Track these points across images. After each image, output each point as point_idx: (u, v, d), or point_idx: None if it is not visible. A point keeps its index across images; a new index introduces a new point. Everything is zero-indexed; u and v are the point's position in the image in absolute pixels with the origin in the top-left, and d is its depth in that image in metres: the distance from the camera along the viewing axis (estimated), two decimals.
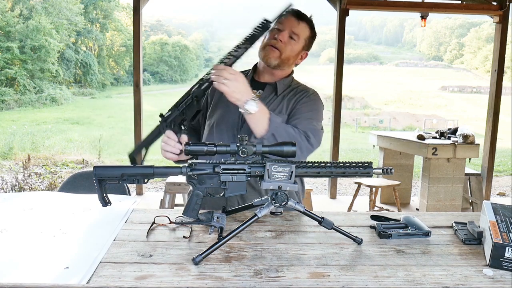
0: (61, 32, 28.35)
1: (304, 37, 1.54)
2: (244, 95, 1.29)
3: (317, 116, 1.53)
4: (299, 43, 1.54)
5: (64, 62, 29.90)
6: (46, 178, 6.94)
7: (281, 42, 1.51)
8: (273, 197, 1.10)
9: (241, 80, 1.29)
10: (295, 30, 1.52)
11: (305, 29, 1.54)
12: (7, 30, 24.90)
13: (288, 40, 1.51)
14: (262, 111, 1.33)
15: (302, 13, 1.56)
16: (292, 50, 1.53)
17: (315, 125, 1.49)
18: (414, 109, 30.59)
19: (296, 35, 1.52)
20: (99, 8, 35.80)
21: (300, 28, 1.53)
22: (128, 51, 35.50)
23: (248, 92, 1.30)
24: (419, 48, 79.99)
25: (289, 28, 1.51)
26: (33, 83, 25.03)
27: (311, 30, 1.57)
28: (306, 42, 1.56)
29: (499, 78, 5.06)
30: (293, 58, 1.56)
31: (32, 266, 1.00)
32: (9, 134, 12.55)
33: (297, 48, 1.54)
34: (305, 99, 1.54)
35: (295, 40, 1.52)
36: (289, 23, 1.52)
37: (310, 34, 1.56)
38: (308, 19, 1.56)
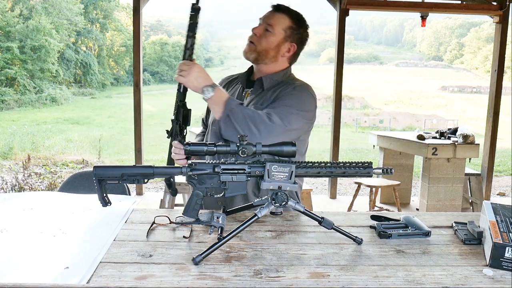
0: (61, 32, 28.35)
1: (282, 27, 1.51)
2: (200, 83, 1.34)
3: (298, 105, 1.46)
4: (275, 34, 1.50)
5: (64, 62, 29.90)
6: (46, 178, 6.94)
7: (256, 35, 1.51)
8: (273, 197, 1.11)
9: (196, 70, 1.34)
10: (269, 21, 1.51)
11: (281, 19, 1.51)
12: (7, 30, 24.91)
13: (263, 32, 1.51)
14: (219, 96, 1.36)
15: (281, 5, 1.54)
16: (268, 42, 1.51)
17: (290, 111, 1.43)
18: (414, 109, 30.59)
19: (270, 26, 1.50)
20: (99, 8, 35.79)
21: (275, 19, 1.51)
22: (128, 51, 35.50)
23: (204, 80, 1.35)
24: (419, 48, 79.98)
25: (264, 20, 1.52)
26: (33, 83, 25.03)
27: (292, 20, 1.53)
28: (287, 32, 1.52)
29: (499, 78, 5.05)
30: (272, 50, 1.52)
31: (32, 266, 1.00)
32: (9, 134, 12.55)
33: (275, 40, 1.51)
34: (289, 90, 1.50)
35: (270, 31, 1.50)
36: (265, 15, 1.53)
37: (290, 24, 1.52)
38: (288, 9, 1.53)
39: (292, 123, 1.42)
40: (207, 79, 1.36)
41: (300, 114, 1.45)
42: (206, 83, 1.35)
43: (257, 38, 1.51)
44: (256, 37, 1.51)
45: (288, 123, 1.41)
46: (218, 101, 1.37)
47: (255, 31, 1.52)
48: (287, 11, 1.53)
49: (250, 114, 1.36)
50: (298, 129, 1.46)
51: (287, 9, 1.54)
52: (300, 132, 1.50)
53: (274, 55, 1.53)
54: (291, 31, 1.52)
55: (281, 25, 1.51)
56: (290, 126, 1.41)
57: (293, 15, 1.54)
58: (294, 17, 1.53)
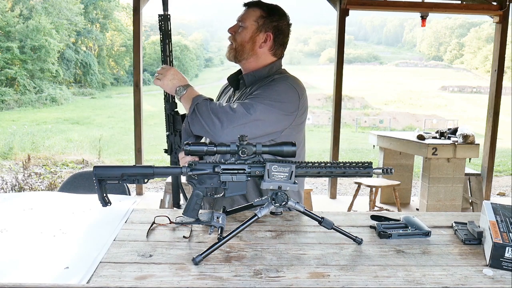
0: (61, 32, 28.35)
1: (253, 19, 1.51)
2: (174, 84, 1.42)
3: (271, 95, 1.40)
4: (247, 28, 1.51)
5: (64, 62, 29.90)
6: (46, 178, 6.94)
7: (230, 34, 1.55)
8: (273, 197, 1.11)
9: (171, 72, 1.43)
10: (240, 18, 1.53)
11: (251, 12, 1.52)
12: (7, 30, 24.90)
13: (237, 29, 1.53)
14: (189, 93, 1.41)
15: (251, 1, 1.56)
16: (241, 37, 1.52)
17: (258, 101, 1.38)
18: (414, 109, 30.58)
19: (242, 21, 1.52)
20: (99, 8, 35.79)
21: (246, 14, 1.53)
22: (128, 51, 35.50)
23: (178, 81, 1.43)
24: (419, 48, 79.99)
25: (237, 18, 1.55)
26: (33, 83, 25.03)
27: (263, 10, 1.52)
28: (259, 22, 1.51)
29: (499, 78, 5.06)
30: (247, 43, 1.52)
31: (32, 266, 1.00)
32: (9, 134, 12.54)
33: (248, 33, 1.51)
34: (267, 82, 1.47)
35: (242, 26, 1.52)
36: (239, 14, 1.55)
37: (261, 14, 1.52)
38: (258, 2, 1.55)
39: (258, 112, 1.35)
40: (181, 80, 1.44)
41: (273, 105, 1.38)
42: (180, 83, 1.43)
43: (232, 37, 1.54)
44: (232, 36, 1.54)
45: (254, 112, 1.34)
46: (188, 99, 1.41)
47: (230, 30, 1.55)
48: (257, 4, 1.55)
49: (214, 107, 1.37)
50: (269, 120, 1.38)
51: (257, 2, 1.55)
52: (275, 125, 1.42)
53: (251, 48, 1.52)
54: (263, 20, 1.51)
55: (252, 17, 1.51)
56: (255, 115, 1.34)
57: (264, 6, 1.54)
58: (264, 7, 1.53)
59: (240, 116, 1.34)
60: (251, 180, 1.19)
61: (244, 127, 1.33)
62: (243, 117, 1.34)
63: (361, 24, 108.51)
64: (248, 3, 1.55)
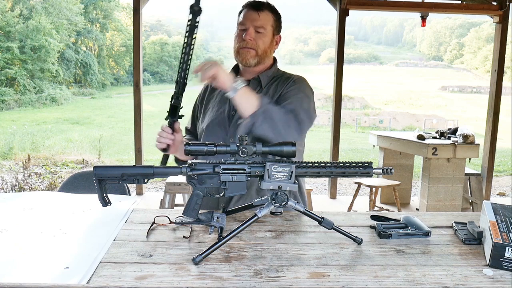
0: (61, 32, 28.34)
1: (270, 24, 1.53)
2: (230, 76, 1.32)
3: (307, 98, 1.49)
4: (267, 33, 1.52)
5: (64, 62, 29.90)
6: (46, 178, 6.94)
7: (250, 40, 1.51)
8: (273, 197, 1.11)
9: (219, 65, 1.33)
10: (258, 23, 1.51)
11: (267, 17, 1.52)
12: (7, 30, 24.90)
13: (256, 34, 1.51)
14: (248, 90, 1.33)
15: (258, 2, 1.54)
16: (264, 43, 1.52)
17: (305, 106, 1.45)
18: (414, 109, 30.58)
19: (261, 27, 1.51)
20: (99, 8, 35.79)
21: (263, 19, 1.51)
22: (128, 51, 35.50)
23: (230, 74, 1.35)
24: (419, 48, 80.00)
25: (251, 24, 1.50)
26: (33, 83, 25.02)
27: (274, 13, 1.55)
28: (274, 27, 1.55)
29: (499, 78, 5.05)
30: (269, 48, 1.55)
31: (32, 266, 1.00)
32: (9, 134, 12.54)
33: (268, 39, 1.53)
34: (291, 84, 1.52)
35: (262, 32, 1.51)
36: (249, 18, 1.51)
37: (274, 18, 1.55)
38: (267, 4, 1.54)
39: (313, 119, 1.47)
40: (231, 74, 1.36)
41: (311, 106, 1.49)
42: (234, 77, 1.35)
43: (253, 43, 1.51)
44: (252, 41, 1.51)
45: (311, 120, 1.45)
46: (250, 94, 1.33)
47: (249, 37, 1.50)
48: (268, 8, 1.54)
49: (283, 112, 1.35)
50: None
51: (265, 4, 1.54)
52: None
53: (270, 52, 1.56)
54: (276, 24, 1.56)
55: (269, 22, 1.52)
56: (311, 122, 1.46)
57: (273, 9, 1.55)
58: (274, 10, 1.55)
59: (304, 125, 1.41)
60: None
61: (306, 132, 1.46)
62: (305, 125, 1.41)
63: (361, 24, 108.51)
64: (259, 7, 1.52)
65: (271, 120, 1.30)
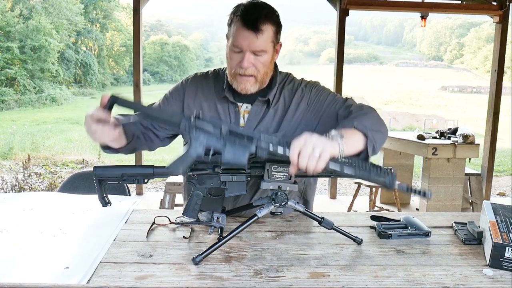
0: (61, 32, 28.32)
1: (270, 40, 1.28)
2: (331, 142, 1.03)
3: (332, 91, 1.41)
4: (267, 52, 1.28)
5: (64, 62, 29.88)
6: (46, 178, 6.94)
7: (251, 67, 1.27)
8: (273, 197, 1.11)
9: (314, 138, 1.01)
10: (257, 48, 1.25)
11: (267, 34, 1.25)
12: (7, 30, 24.88)
13: (254, 58, 1.27)
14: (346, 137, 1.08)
15: (255, 16, 1.23)
16: (265, 64, 1.29)
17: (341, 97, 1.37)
18: (414, 109, 30.56)
19: (261, 51, 1.26)
20: (99, 8, 35.77)
21: (262, 40, 1.24)
22: (128, 51, 35.47)
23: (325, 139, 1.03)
24: (419, 48, 79.97)
25: (249, 48, 1.25)
26: (33, 83, 25.00)
27: (273, 23, 1.28)
28: (274, 39, 1.29)
29: (499, 78, 5.05)
30: (270, 65, 1.33)
31: (32, 266, 1.00)
32: (9, 134, 12.53)
33: (269, 56, 1.30)
34: (313, 92, 1.37)
35: (261, 55, 1.27)
36: (246, 41, 1.24)
37: (274, 30, 1.28)
38: (265, 14, 1.25)
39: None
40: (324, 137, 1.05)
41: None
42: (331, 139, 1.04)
43: (253, 69, 1.28)
44: (251, 68, 1.28)
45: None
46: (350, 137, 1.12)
47: (246, 65, 1.26)
48: (266, 19, 1.25)
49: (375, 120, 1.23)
50: None
51: (265, 15, 1.25)
52: None
53: (272, 68, 1.36)
54: (277, 34, 1.31)
55: (269, 39, 1.27)
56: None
57: (271, 17, 1.28)
58: (273, 19, 1.28)
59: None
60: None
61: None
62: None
63: (361, 24, 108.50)
64: (257, 25, 1.23)
65: (378, 132, 1.19)
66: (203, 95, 1.39)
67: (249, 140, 1.03)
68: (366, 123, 1.17)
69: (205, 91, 1.40)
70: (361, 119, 1.19)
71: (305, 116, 1.36)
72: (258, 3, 1.28)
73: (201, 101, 1.39)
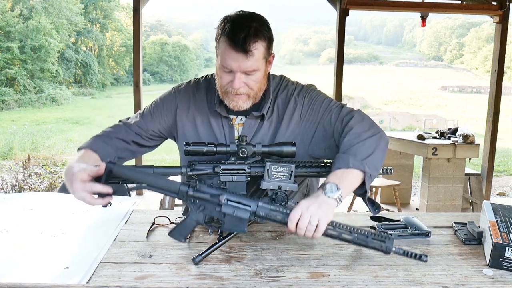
0: (61, 32, 28.32)
1: (261, 57, 1.20)
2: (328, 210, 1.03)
3: (329, 98, 1.35)
4: (260, 70, 1.22)
5: (64, 62, 29.88)
6: (46, 178, 6.93)
7: (243, 87, 1.22)
8: (273, 197, 1.11)
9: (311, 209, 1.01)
10: (248, 68, 1.19)
11: (258, 52, 1.18)
12: (7, 30, 24.88)
13: (246, 77, 1.21)
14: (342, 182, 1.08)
15: (244, 35, 1.15)
16: (257, 81, 1.23)
17: (337, 103, 1.32)
18: (414, 109, 30.56)
19: (252, 70, 1.20)
20: (99, 8, 35.77)
21: (253, 61, 1.18)
22: (128, 51, 35.47)
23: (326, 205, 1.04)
24: (419, 48, 79.98)
25: (239, 69, 1.19)
26: (33, 83, 25.00)
27: (263, 38, 1.20)
28: (266, 54, 1.22)
29: (499, 78, 5.05)
30: (263, 81, 1.27)
31: (32, 266, 1.00)
32: (9, 134, 12.53)
33: (261, 73, 1.24)
34: (306, 101, 1.32)
35: (253, 74, 1.21)
36: (235, 62, 1.18)
37: (265, 45, 1.21)
38: (254, 30, 1.17)
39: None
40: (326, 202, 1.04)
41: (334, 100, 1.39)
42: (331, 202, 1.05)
43: (245, 88, 1.23)
44: (243, 87, 1.22)
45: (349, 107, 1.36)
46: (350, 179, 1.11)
47: (237, 85, 1.20)
48: (256, 36, 1.17)
49: (371, 142, 1.17)
50: None
51: (254, 31, 1.17)
52: None
53: (265, 83, 1.30)
54: (268, 48, 1.23)
55: (260, 56, 1.20)
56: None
57: (261, 32, 1.19)
58: (264, 34, 1.20)
59: (355, 109, 1.32)
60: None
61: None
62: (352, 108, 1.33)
63: (361, 24, 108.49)
64: (247, 45, 1.15)
65: (375, 155, 1.16)
66: (196, 108, 1.36)
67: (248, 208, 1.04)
68: (362, 154, 1.13)
69: (197, 103, 1.36)
70: (356, 150, 1.13)
71: (299, 127, 1.32)
72: (246, 16, 1.20)
73: (194, 115, 1.36)
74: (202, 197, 1.04)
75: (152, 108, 1.40)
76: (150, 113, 1.39)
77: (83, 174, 1.08)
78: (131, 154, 1.39)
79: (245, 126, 1.32)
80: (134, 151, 1.38)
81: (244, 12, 1.22)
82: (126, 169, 1.09)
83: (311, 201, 1.03)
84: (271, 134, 1.32)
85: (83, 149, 1.27)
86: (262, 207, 1.03)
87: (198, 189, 1.05)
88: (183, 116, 1.36)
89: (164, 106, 1.39)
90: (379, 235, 0.99)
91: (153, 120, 1.37)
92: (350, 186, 1.11)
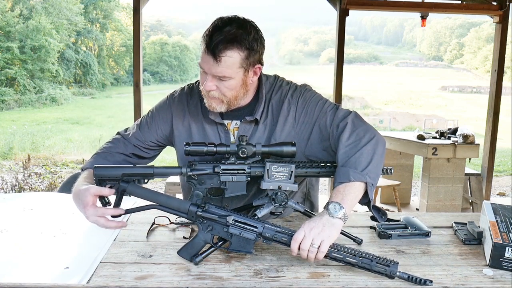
0: (61, 32, 28.33)
1: (236, 66, 1.17)
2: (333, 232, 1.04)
3: (324, 99, 1.33)
4: (234, 78, 1.20)
5: (64, 62, 29.89)
6: (46, 178, 6.93)
7: (214, 90, 1.21)
8: (273, 197, 1.11)
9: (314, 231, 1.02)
10: (218, 73, 1.17)
11: (230, 60, 1.16)
12: (7, 30, 24.89)
13: (218, 81, 1.20)
14: (350, 204, 1.09)
15: (217, 41, 1.14)
16: (231, 88, 1.21)
17: (332, 104, 1.31)
18: (414, 109, 30.56)
19: (222, 76, 1.18)
20: (99, 8, 35.78)
21: (224, 67, 1.16)
22: (128, 51, 35.48)
23: (330, 226, 1.04)
24: (419, 48, 80.00)
25: (209, 72, 1.19)
26: (33, 83, 25.01)
27: (242, 48, 1.17)
28: (243, 64, 1.19)
29: (499, 78, 5.05)
30: (241, 89, 1.24)
31: (32, 266, 1.00)
32: (9, 134, 12.53)
33: (237, 81, 1.21)
34: (300, 103, 1.31)
35: (225, 80, 1.19)
36: (207, 65, 1.18)
37: (243, 55, 1.17)
38: (230, 38, 1.15)
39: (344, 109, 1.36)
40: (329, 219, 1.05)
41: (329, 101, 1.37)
42: (337, 222, 1.05)
43: (217, 92, 1.22)
44: (214, 91, 1.21)
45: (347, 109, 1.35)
46: (353, 192, 1.11)
47: (207, 88, 1.20)
48: (230, 45, 1.15)
49: (368, 148, 1.16)
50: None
51: (230, 39, 1.15)
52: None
53: (244, 91, 1.26)
54: (247, 59, 1.19)
55: (234, 65, 1.17)
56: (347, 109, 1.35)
57: (240, 41, 1.16)
58: (243, 44, 1.17)
59: (352, 112, 1.31)
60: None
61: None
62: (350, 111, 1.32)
63: (361, 24, 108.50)
64: (217, 51, 1.14)
65: (374, 161, 1.15)
66: (190, 115, 1.36)
67: (254, 229, 1.05)
68: (361, 165, 1.12)
69: (192, 111, 1.36)
70: (355, 162, 1.13)
71: (294, 129, 1.31)
72: (232, 22, 1.18)
73: (190, 123, 1.36)
74: (210, 218, 1.06)
75: (149, 119, 1.43)
76: (147, 123, 1.42)
77: (92, 198, 1.10)
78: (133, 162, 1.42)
79: (240, 130, 1.32)
80: (135, 164, 1.40)
81: (235, 18, 1.20)
82: (140, 189, 1.11)
83: (315, 223, 1.04)
84: (266, 137, 1.32)
85: (86, 169, 1.28)
86: (268, 229, 1.05)
87: (206, 209, 1.07)
88: (179, 124, 1.38)
89: (160, 116, 1.40)
90: (384, 259, 0.98)
91: (150, 131, 1.40)
92: (354, 199, 1.11)
